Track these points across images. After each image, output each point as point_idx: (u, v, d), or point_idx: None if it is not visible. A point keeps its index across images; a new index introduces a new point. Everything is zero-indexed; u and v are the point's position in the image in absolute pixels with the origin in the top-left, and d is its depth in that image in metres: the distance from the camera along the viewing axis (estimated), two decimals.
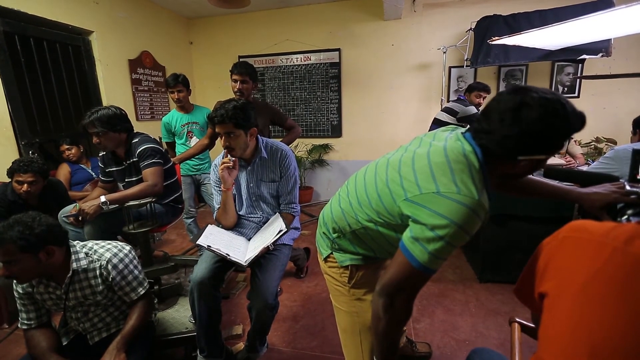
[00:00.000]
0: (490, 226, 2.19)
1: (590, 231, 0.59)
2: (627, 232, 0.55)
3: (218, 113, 1.36)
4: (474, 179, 0.76)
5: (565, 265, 0.59)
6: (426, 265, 0.76)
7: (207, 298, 1.36)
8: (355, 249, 1.01)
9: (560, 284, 0.59)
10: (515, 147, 0.75)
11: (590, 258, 0.56)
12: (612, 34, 2.58)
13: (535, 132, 0.73)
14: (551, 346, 0.58)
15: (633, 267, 0.51)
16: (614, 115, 3.47)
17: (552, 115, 0.72)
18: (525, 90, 0.75)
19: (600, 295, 0.52)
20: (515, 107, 0.73)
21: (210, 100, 4.05)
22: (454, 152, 0.79)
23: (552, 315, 0.59)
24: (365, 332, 1.05)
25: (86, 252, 1.22)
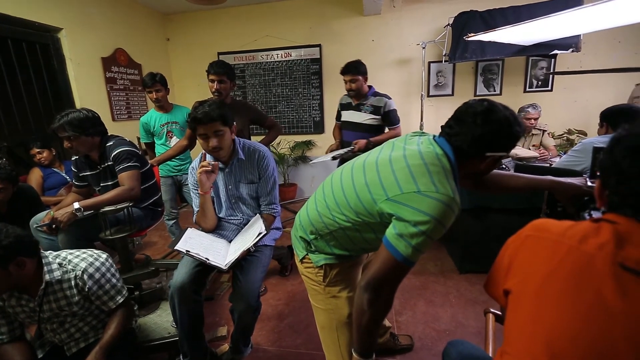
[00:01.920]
0: (468, 219, 2.26)
1: (550, 230, 0.62)
2: (582, 231, 0.58)
3: (201, 112, 1.34)
4: (448, 179, 0.84)
5: (526, 263, 0.63)
6: (409, 259, 0.82)
7: (188, 303, 1.35)
8: (331, 250, 1.04)
9: (522, 281, 0.62)
10: (484, 144, 0.86)
11: (549, 257, 0.59)
12: (581, 30, 2.68)
13: (500, 131, 0.85)
14: (514, 341, 0.61)
15: (586, 265, 0.54)
16: (584, 107, 3.61)
17: (514, 118, 0.86)
18: (489, 100, 0.88)
19: (557, 293, 0.56)
20: (484, 111, 0.85)
21: (190, 98, 3.96)
22: (429, 155, 0.86)
23: (515, 311, 0.62)
24: (342, 328, 1.09)
25: (60, 262, 1.18)
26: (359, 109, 2.40)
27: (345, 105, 2.49)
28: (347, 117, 2.45)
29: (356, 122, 2.40)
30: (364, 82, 2.37)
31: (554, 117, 3.61)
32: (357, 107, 2.41)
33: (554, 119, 3.59)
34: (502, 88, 3.78)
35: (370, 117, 2.38)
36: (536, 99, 3.67)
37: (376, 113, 2.37)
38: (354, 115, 2.41)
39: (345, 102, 2.48)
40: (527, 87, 3.73)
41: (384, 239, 0.84)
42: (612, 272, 0.52)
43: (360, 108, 2.40)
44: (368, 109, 2.38)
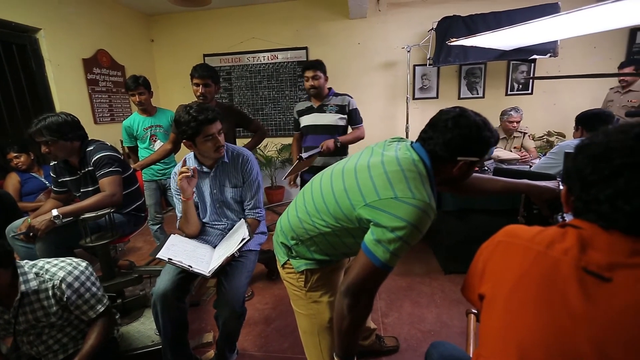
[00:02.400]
0: (452, 220, 2.31)
1: (520, 236, 0.64)
2: (549, 236, 0.61)
3: (206, 114, 1.37)
4: (424, 185, 0.85)
5: (498, 269, 0.65)
6: (387, 264, 0.83)
7: (172, 311, 1.33)
8: (312, 255, 1.05)
9: (494, 286, 0.64)
10: (455, 148, 0.88)
11: (519, 262, 0.61)
12: (558, 36, 2.77)
13: (470, 135, 0.87)
14: (487, 344, 0.63)
15: (552, 269, 0.57)
16: (563, 110, 3.73)
17: (483, 123, 0.89)
18: (462, 107, 0.91)
19: (526, 297, 0.58)
20: (455, 116, 0.88)
21: (175, 100, 3.90)
22: (405, 161, 0.88)
23: (488, 315, 0.64)
24: (323, 332, 1.10)
25: (36, 272, 1.15)
26: (322, 110, 2.26)
27: (305, 110, 2.32)
28: (311, 120, 2.28)
29: (323, 125, 2.27)
30: (325, 82, 2.27)
31: (534, 120, 3.71)
32: (321, 109, 2.27)
33: (534, 122, 3.70)
34: (485, 91, 3.87)
35: (338, 116, 2.27)
36: (517, 102, 3.77)
37: (342, 112, 2.28)
38: (320, 118, 2.27)
39: (305, 107, 2.32)
40: (509, 91, 3.83)
41: (362, 244, 0.85)
42: (576, 276, 0.54)
43: (324, 109, 2.26)
44: (333, 109, 2.26)
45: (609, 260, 0.53)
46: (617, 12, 1.83)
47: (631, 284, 0.50)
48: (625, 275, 0.51)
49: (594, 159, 0.56)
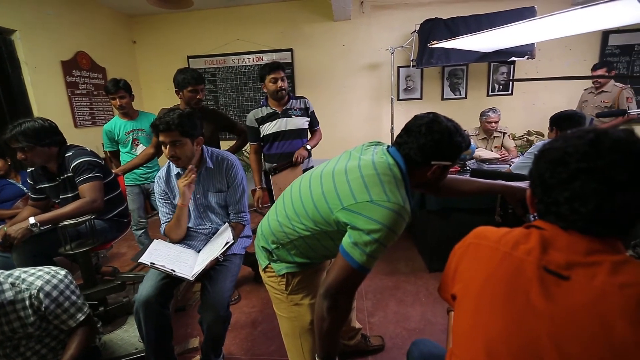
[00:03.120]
0: (436, 219, 2.35)
1: (488, 238, 0.67)
2: (514, 237, 0.64)
3: (163, 120, 1.33)
4: (398, 188, 0.88)
5: (468, 270, 0.67)
6: (365, 266, 0.85)
7: (155, 317, 1.32)
8: (293, 258, 1.06)
9: (465, 287, 0.67)
10: (429, 152, 0.91)
11: (486, 263, 0.64)
12: (535, 39, 2.87)
13: (442, 141, 0.91)
14: (459, 342, 0.66)
15: (516, 269, 0.59)
16: (542, 110, 3.84)
17: (455, 129, 0.93)
18: (435, 113, 0.95)
19: (493, 296, 0.60)
20: (429, 122, 0.91)
21: (159, 102, 3.84)
22: (381, 165, 0.90)
23: (460, 315, 0.66)
24: (305, 335, 1.11)
25: (12, 282, 1.12)
26: (288, 115, 2.15)
27: (267, 117, 2.15)
28: (278, 126, 2.15)
29: (292, 130, 2.17)
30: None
31: (514, 120, 3.82)
32: (286, 114, 2.15)
33: (514, 121, 3.80)
34: (467, 92, 3.95)
35: (304, 119, 2.21)
36: (498, 102, 3.88)
37: (306, 115, 2.22)
38: (287, 123, 2.15)
39: (266, 114, 2.15)
40: (490, 91, 3.93)
41: (340, 247, 0.87)
42: (537, 275, 0.57)
43: (289, 114, 2.15)
44: (298, 112, 2.18)
45: (567, 259, 0.56)
46: (590, 16, 1.91)
47: (586, 282, 0.54)
48: (581, 273, 0.55)
49: (553, 164, 0.59)
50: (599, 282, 0.53)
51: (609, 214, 0.54)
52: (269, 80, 2.08)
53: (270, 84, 2.08)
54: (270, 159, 2.25)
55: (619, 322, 0.49)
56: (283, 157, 2.19)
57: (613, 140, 0.55)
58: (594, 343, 0.50)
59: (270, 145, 2.21)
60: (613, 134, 0.56)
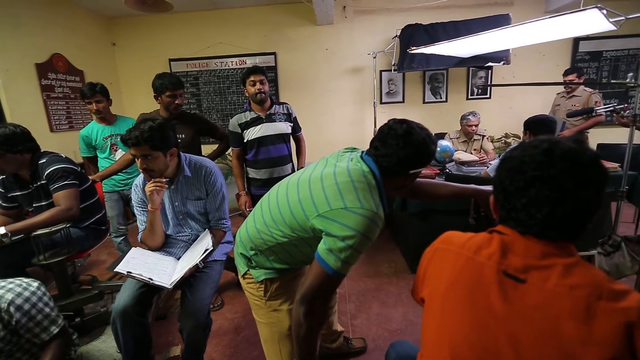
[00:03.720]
0: (417, 221, 2.40)
1: (453, 242, 0.70)
2: (477, 242, 0.67)
3: (132, 135, 1.29)
4: (372, 195, 0.90)
5: (435, 274, 0.70)
6: (339, 271, 0.87)
7: (133, 327, 1.30)
8: (271, 264, 1.07)
9: (432, 291, 0.69)
10: (408, 164, 0.94)
11: (451, 267, 0.67)
12: (509, 45, 2.97)
13: (420, 151, 0.93)
14: (426, 345, 0.68)
15: (478, 273, 0.62)
16: (518, 113, 3.96)
17: (429, 138, 0.95)
18: (408, 121, 0.96)
19: (457, 300, 0.63)
20: (404, 134, 0.93)
21: (140, 106, 3.78)
22: (355, 173, 0.92)
23: (427, 318, 0.69)
24: (284, 340, 1.12)
25: None
26: (272, 119, 2.14)
27: (251, 121, 2.12)
28: (264, 131, 2.12)
29: (277, 134, 2.16)
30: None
31: (493, 122, 3.94)
32: (270, 119, 2.14)
33: (493, 124, 3.92)
34: (447, 95, 4.05)
35: (287, 124, 2.21)
36: (477, 105, 3.99)
37: (289, 121, 2.23)
38: (272, 127, 2.14)
39: (250, 119, 2.12)
40: (469, 95, 4.04)
41: (315, 254, 0.89)
42: (497, 279, 0.60)
43: (274, 119, 2.15)
44: (282, 117, 2.18)
45: (524, 263, 0.60)
46: (559, 24, 2.01)
47: (540, 284, 0.57)
48: (536, 276, 0.58)
49: (512, 172, 0.63)
50: (551, 284, 0.56)
51: (561, 219, 0.58)
52: (249, 83, 2.08)
53: (250, 86, 2.08)
54: (256, 165, 2.19)
55: (568, 321, 0.52)
56: (270, 162, 2.18)
57: (563, 151, 0.58)
58: (545, 342, 0.53)
59: (257, 151, 2.17)
60: (564, 144, 0.60)
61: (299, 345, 0.95)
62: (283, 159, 2.22)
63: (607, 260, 2.17)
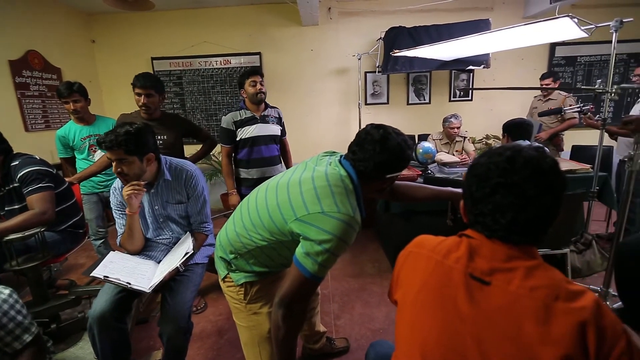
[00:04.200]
0: (400, 221, 2.44)
1: (424, 246, 0.72)
2: (447, 246, 0.69)
3: (107, 138, 1.27)
4: (349, 199, 0.92)
5: (407, 277, 0.72)
6: (316, 275, 0.88)
7: (111, 332, 1.28)
8: (251, 268, 1.07)
9: (404, 293, 0.71)
10: (385, 169, 0.96)
11: (422, 270, 0.69)
12: (489, 49, 3.06)
13: (397, 157, 0.96)
14: (400, 345, 0.70)
15: (447, 276, 0.65)
16: (498, 115, 4.08)
17: (405, 143, 0.97)
18: (384, 126, 0.98)
19: (427, 302, 0.65)
20: (381, 140, 0.95)
21: (122, 106, 3.69)
22: (333, 177, 0.94)
23: (399, 319, 0.71)
24: (264, 343, 1.13)
25: None
26: (266, 121, 2.19)
27: (246, 120, 2.14)
28: (257, 131, 2.16)
29: (269, 135, 2.20)
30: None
31: (474, 124, 4.03)
32: (264, 120, 2.18)
33: (475, 126, 4.02)
34: (430, 97, 4.13)
35: (279, 127, 2.28)
36: (459, 107, 4.09)
37: (279, 124, 2.30)
38: (265, 128, 2.18)
39: (245, 118, 2.14)
40: (452, 97, 4.13)
41: (293, 257, 0.90)
42: (464, 282, 0.62)
43: (267, 120, 2.19)
44: (274, 120, 2.24)
45: (489, 266, 0.62)
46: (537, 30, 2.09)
47: (504, 286, 0.60)
48: (500, 278, 0.61)
49: (478, 178, 0.65)
50: (514, 286, 0.59)
51: (523, 224, 0.61)
52: (249, 84, 2.10)
53: (251, 87, 2.10)
54: (249, 165, 2.21)
55: (528, 321, 0.55)
56: (263, 162, 2.22)
57: (525, 159, 0.61)
58: (506, 341, 0.56)
59: (250, 151, 2.19)
60: (527, 152, 0.62)
61: (278, 348, 0.96)
62: (274, 159, 2.28)
63: (579, 258, 2.26)
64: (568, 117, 3.08)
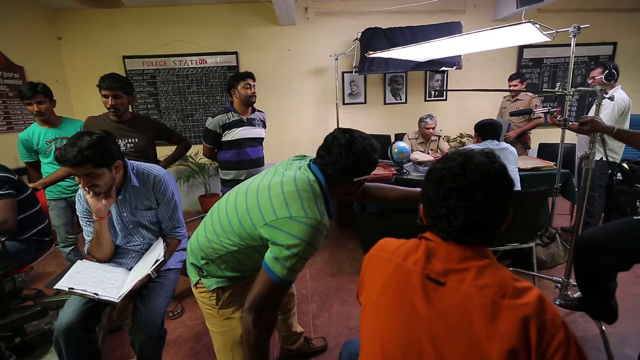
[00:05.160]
0: (378, 220, 2.49)
1: (386, 249, 0.75)
2: (407, 249, 0.72)
3: (69, 155, 1.17)
4: (317, 204, 0.93)
5: (370, 280, 0.75)
6: (286, 279, 0.89)
7: (79, 344, 1.24)
8: (223, 273, 1.07)
9: (367, 295, 0.74)
10: (351, 172, 0.98)
11: (383, 273, 0.71)
12: (461, 51, 3.16)
13: (362, 160, 0.97)
14: (363, 347, 0.73)
15: (405, 279, 0.67)
16: (471, 115, 4.21)
17: (371, 147, 0.99)
18: (351, 130, 1.00)
19: (387, 304, 0.68)
20: (347, 144, 0.96)
21: (92, 106, 3.56)
22: (302, 182, 0.95)
23: (363, 321, 0.73)
24: (236, 348, 1.14)
25: None
26: (252, 124, 2.25)
27: (234, 123, 2.17)
28: (244, 133, 2.20)
29: (255, 137, 2.27)
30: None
31: (449, 123, 4.15)
32: (250, 122, 2.24)
33: (449, 125, 4.14)
34: (407, 97, 4.21)
35: (264, 130, 2.35)
36: (435, 107, 4.20)
37: (264, 127, 2.38)
38: (252, 131, 2.24)
39: (232, 120, 2.17)
40: (427, 97, 4.23)
41: (263, 262, 0.91)
42: (421, 283, 0.65)
43: (253, 123, 2.25)
44: (259, 123, 2.31)
45: (445, 267, 0.66)
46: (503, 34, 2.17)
47: (457, 286, 0.63)
48: (454, 278, 0.64)
49: (434, 183, 0.68)
50: (466, 285, 0.62)
51: (474, 226, 0.64)
52: (243, 86, 2.16)
53: (244, 89, 2.16)
54: (236, 166, 2.25)
55: (478, 319, 0.59)
56: (249, 163, 2.27)
57: (475, 164, 0.65)
58: (458, 338, 0.59)
59: (238, 152, 2.23)
60: (477, 158, 0.66)
61: (250, 352, 0.97)
62: (260, 161, 2.34)
63: (544, 251, 2.39)
64: (534, 117, 3.24)
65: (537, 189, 1.89)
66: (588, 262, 1.51)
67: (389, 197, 1.31)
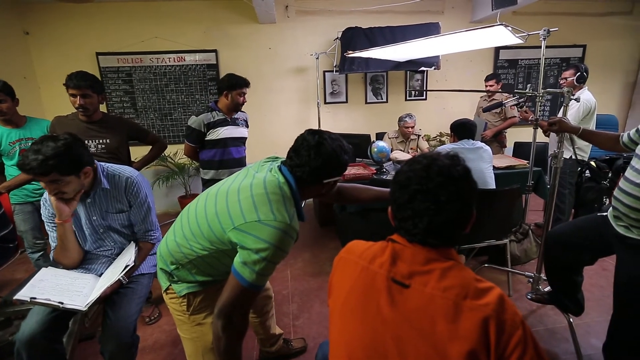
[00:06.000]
0: (357, 219, 2.50)
1: (353, 252, 0.75)
2: (373, 252, 0.72)
3: (33, 164, 1.09)
4: (286, 207, 0.92)
5: (338, 282, 0.75)
6: (255, 284, 0.88)
7: (43, 356, 1.19)
8: (194, 277, 1.05)
9: (335, 298, 0.74)
10: (320, 174, 0.98)
11: (350, 276, 0.71)
12: (439, 52, 3.22)
13: (331, 162, 0.97)
14: (332, 349, 0.72)
15: (371, 281, 0.68)
16: (450, 114, 4.29)
17: (340, 149, 0.98)
18: (321, 132, 0.99)
19: (353, 307, 0.68)
20: (316, 145, 0.95)
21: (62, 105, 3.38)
22: (271, 184, 0.94)
23: (331, 324, 0.73)
24: (208, 354, 1.12)
25: None
26: (236, 124, 2.29)
27: (219, 122, 2.20)
28: (229, 133, 2.24)
29: (239, 137, 2.31)
30: None
31: (429, 122, 4.22)
32: (234, 122, 2.28)
33: (429, 124, 4.21)
34: (388, 96, 4.25)
35: (246, 130, 2.40)
36: (415, 106, 4.26)
37: (247, 127, 2.42)
38: (236, 131, 2.28)
39: (217, 120, 2.20)
40: (408, 96, 4.28)
41: (232, 267, 0.89)
42: (386, 286, 0.65)
43: (237, 123, 2.30)
44: (242, 123, 2.35)
45: (409, 269, 0.66)
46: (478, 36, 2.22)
47: (421, 288, 0.63)
48: (419, 281, 0.64)
49: (400, 186, 0.69)
50: (430, 287, 0.63)
51: (438, 227, 0.65)
52: (238, 94, 2.21)
53: (239, 96, 2.21)
54: (220, 166, 2.26)
55: (440, 320, 0.59)
56: (233, 162, 2.29)
57: (439, 167, 0.65)
58: (422, 340, 0.60)
59: (222, 152, 2.25)
60: (441, 161, 0.67)
61: (221, 358, 0.95)
62: (243, 161, 2.37)
63: (518, 247, 2.47)
64: (509, 117, 3.33)
65: (510, 187, 1.95)
66: (556, 257, 1.57)
67: (363, 198, 1.31)
